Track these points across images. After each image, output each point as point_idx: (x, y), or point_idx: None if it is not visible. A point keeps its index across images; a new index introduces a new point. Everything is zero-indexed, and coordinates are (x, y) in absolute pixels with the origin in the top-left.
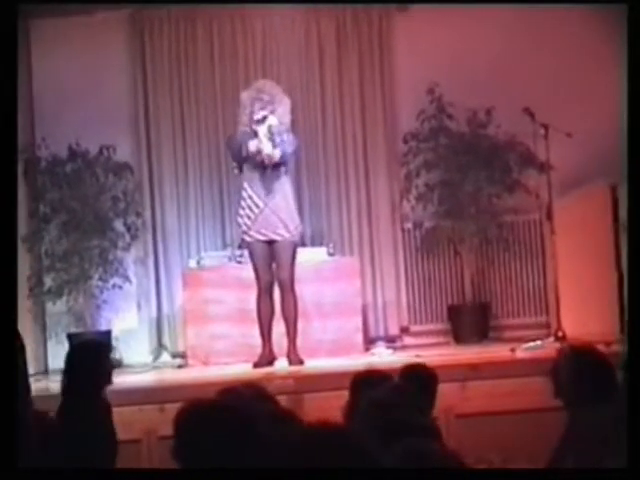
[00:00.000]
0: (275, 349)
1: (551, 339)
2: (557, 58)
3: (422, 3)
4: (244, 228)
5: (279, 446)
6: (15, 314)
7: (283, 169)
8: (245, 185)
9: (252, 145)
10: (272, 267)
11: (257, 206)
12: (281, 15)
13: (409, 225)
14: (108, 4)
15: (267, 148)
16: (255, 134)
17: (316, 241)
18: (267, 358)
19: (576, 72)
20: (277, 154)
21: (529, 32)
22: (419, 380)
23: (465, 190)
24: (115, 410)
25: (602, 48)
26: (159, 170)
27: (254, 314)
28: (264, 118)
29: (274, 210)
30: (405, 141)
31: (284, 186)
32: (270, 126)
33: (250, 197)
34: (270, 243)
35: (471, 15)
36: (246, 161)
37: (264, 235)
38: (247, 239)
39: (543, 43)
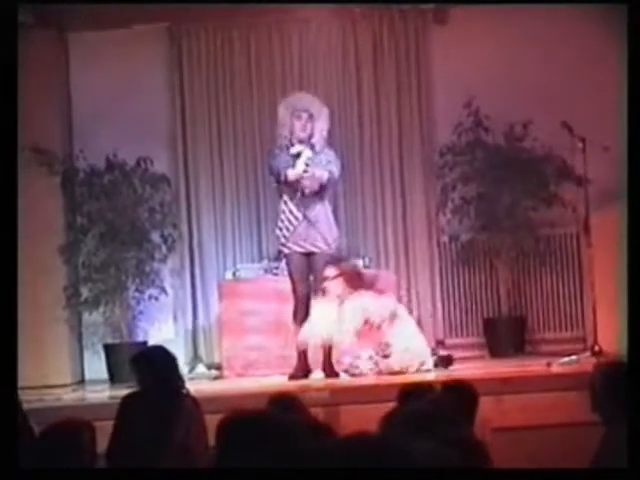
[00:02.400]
0: (311, 361)
1: (587, 354)
2: (594, 71)
3: (455, 3)
4: (282, 240)
5: (317, 457)
6: (15, 319)
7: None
8: (285, 198)
9: (292, 175)
10: (309, 279)
11: (296, 219)
12: (317, 26)
13: (445, 238)
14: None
15: (302, 170)
16: (295, 158)
17: (352, 254)
18: (302, 370)
19: (614, 85)
20: (325, 175)
21: (566, 45)
22: (460, 396)
23: (501, 203)
24: None
25: None
26: (196, 182)
27: (289, 326)
28: (299, 154)
29: (313, 223)
30: (441, 154)
31: (324, 200)
32: (308, 158)
33: (290, 210)
34: (308, 255)
35: (508, 28)
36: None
37: (302, 247)
38: (285, 250)
39: (580, 55)
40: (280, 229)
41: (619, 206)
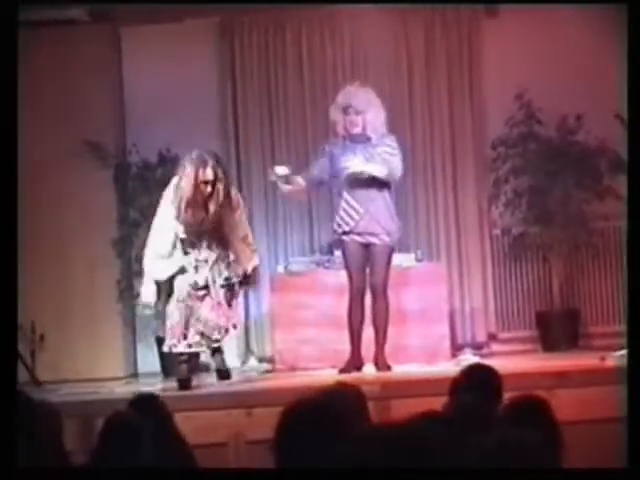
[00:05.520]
0: (365, 354)
1: None
2: None
3: (509, 3)
4: (341, 230)
5: (370, 445)
6: (15, 318)
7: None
8: (344, 194)
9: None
10: (366, 271)
11: (357, 213)
12: (369, 19)
13: (497, 231)
14: (193, 8)
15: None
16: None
17: (404, 247)
18: (355, 364)
19: None
20: (383, 171)
21: (619, 34)
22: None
23: (554, 196)
24: (203, 414)
25: None
26: (247, 175)
27: (342, 319)
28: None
29: (374, 216)
30: (494, 147)
31: (384, 192)
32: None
33: (351, 205)
34: (367, 246)
35: (560, 18)
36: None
37: (365, 239)
38: (345, 239)
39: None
40: (339, 225)
41: None
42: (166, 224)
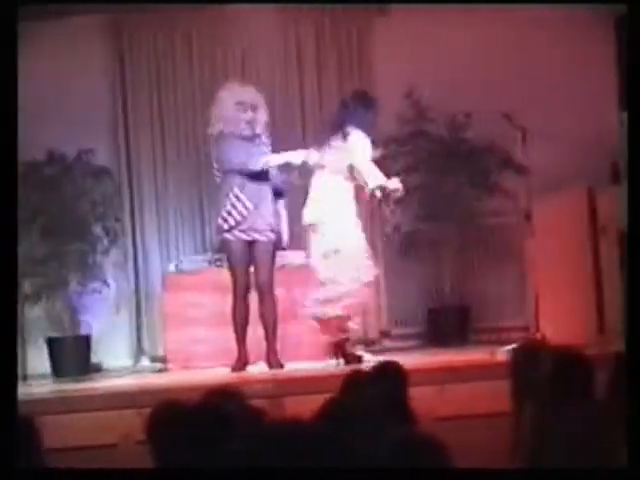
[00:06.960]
0: (257, 352)
1: None
2: (538, 60)
3: (401, 3)
4: (227, 226)
5: (252, 444)
6: (15, 318)
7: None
8: (236, 190)
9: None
10: (249, 270)
11: (246, 209)
12: (260, 19)
13: (388, 229)
14: (86, 6)
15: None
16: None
17: (294, 244)
18: (243, 362)
19: (556, 74)
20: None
21: (509, 35)
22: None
23: (445, 193)
24: (94, 414)
25: (590, 50)
26: (138, 174)
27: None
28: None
29: (262, 212)
30: (384, 145)
31: (270, 187)
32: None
33: (240, 200)
34: (251, 244)
35: (450, 18)
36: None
37: (249, 235)
38: (229, 237)
39: (523, 45)
40: (225, 220)
41: (561, 195)
42: None
